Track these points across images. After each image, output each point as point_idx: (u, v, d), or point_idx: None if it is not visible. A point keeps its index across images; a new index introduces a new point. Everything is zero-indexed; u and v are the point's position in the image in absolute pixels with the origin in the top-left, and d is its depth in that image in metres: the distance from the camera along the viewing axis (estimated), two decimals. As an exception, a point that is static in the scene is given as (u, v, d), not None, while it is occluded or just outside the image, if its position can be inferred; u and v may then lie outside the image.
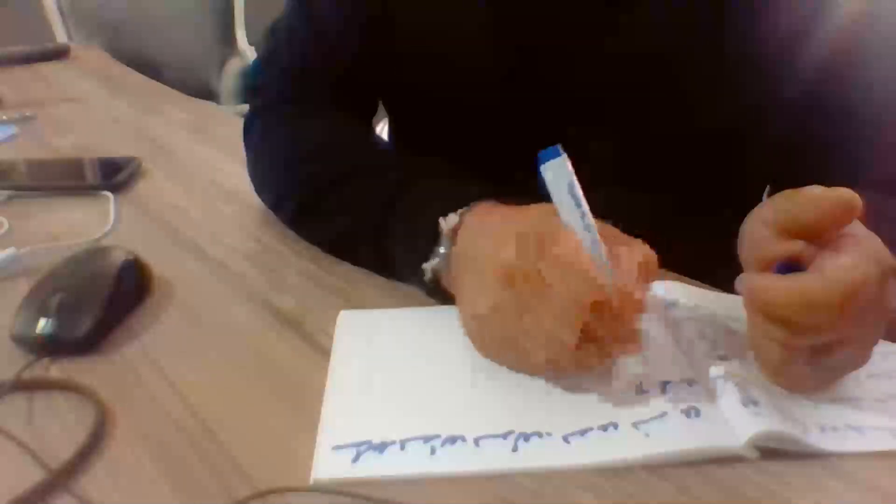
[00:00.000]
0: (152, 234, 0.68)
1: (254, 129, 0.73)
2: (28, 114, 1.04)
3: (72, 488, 0.39)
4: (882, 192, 0.52)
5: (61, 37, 1.91)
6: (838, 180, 0.42)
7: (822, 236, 0.42)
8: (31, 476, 0.39)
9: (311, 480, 0.39)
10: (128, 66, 1.38)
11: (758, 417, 0.41)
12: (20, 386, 0.46)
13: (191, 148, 0.92)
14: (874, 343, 0.43)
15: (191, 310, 0.55)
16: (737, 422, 0.41)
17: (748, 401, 0.42)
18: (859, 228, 0.43)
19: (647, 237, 0.46)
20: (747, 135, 0.64)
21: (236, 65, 1.89)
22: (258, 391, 0.46)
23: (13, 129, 0.98)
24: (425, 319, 0.53)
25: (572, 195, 0.43)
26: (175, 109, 1.08)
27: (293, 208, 0.65)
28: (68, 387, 0.46)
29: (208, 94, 1.85)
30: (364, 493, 0.38)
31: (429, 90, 0.71)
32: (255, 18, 1.84)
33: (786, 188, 0.44)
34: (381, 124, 0.98)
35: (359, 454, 0.40)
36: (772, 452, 0.40)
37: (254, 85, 0.76)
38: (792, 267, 0.42)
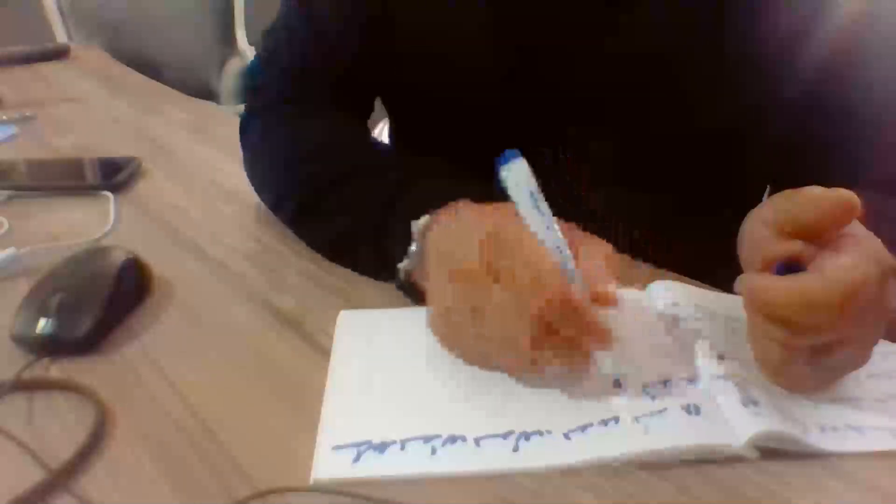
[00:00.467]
0: (152, 234, 0.68)
1: (252, 129, 0.73)
2: (28, 114, 1.04)
3: (72, 488, 0.39)
4: (882, 192, 0.52)
5: (61, 37, 1.91)
6: (838, 180, 0.42)
7: (821, 236, 0.42)
8: (31, 476, 0.39)
9: (311, 480, 0.39)
10: (128, 66, 1.38)
11: (758, 417, 0.41)
12: (20, 386, 0.46)
13: (191, 148, 0.92)
14: (874, 343, 0.43)
15: (191, 310, 0.55)
16: (737, 422, 0.41)
17: (748, 401, 0.42)
18: (859, 229, 0.43)
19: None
20: (747, 135, 0.64)
21: (236, 65, 1.89)
22: (258, 391, 0.46)
23: (13, 129, 0.98)
24: (425, 319, 0.52)
25: (532, 198, 0.43)
26: (175, 109, 1.08)
27: (293, 208, 0.65)
28: (68, 387, 0.46)
29: (208, 94, 1.85)
30: (364, 493, 0.38)
31: (429, 90, 0.71)
32: (255, 18, 1.85)
33: (786, 188, 0.44)
34: (382, 124, 0.98)
35: (359, 454, 0.40)
36: (772, 452, 0.40)
37: (253, 85, 0.75)
38: (792, 267, 0.42)
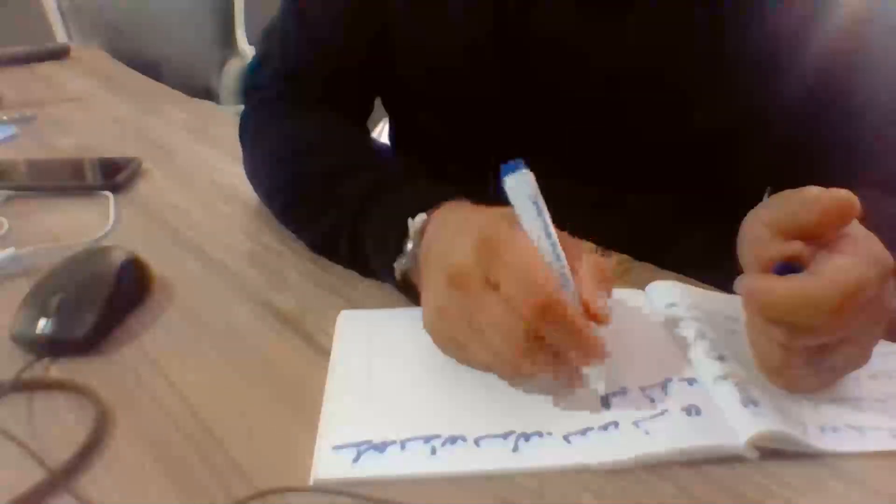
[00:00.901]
0: (152, 234, 0.68)
1: (248, 127, 0.74)
2: (28, 114, 1.04)
3: (72, 488, 0.39)
4: (881, 192, 0.52)
5: (61, 37, 1.91)
6: (838, 181, 0.42)
7: (821, 237, 0.42)
8: (31, 476, 0.39)
9: (312, 480, 0.39)
10: (128, 66, 1.37)
11: (758, 417, 0.41)
12: (20, 386, 0.46)
13: (191, 148, 0.92)
14: (874, 343, 0.43)
15: (191, 310, 0.55)
16: (737, 422, 0.41)
17: (748, 401, 0.42)
18: (858, 229, 0.43)
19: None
20: (747, 135, 0.64)
21: (236, 65, 1.89)
22: (258, 391, 0.46)
23: (13, 129, 0.98)
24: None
25: (535, 207, 0.43)
26: (175, 109, 1.08)
27: (280, 205, 0.67)
28: (68, 387, 0.46)
29: (208, 94, 1.85)
30: (364, 493, 0.38)
31: (428, 95, 0.71)
32: (255, 18, 1.84)
33: (786, 188, 0.44)
34: (382, 124, 0.98)
35: (359, 454, 0.40)
36: (772, 452, 0.40)
37: (251, 84, 0.76)
38: (791, 267, 0.42)
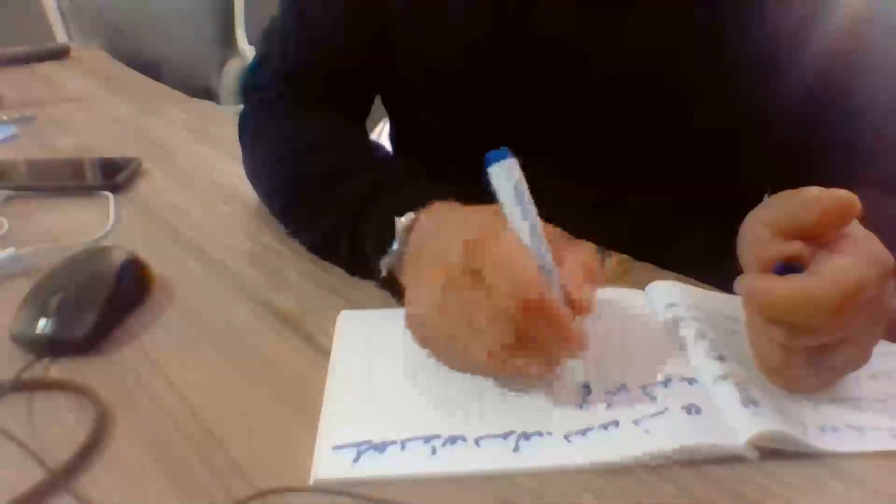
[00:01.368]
0: (152, 234, 0.68)
1: (247, 126, 0.74)
2: (28, 114, 1.04)
3: (72, 488, 0.39)
4: (881, 192, 0.52)
5: (61, 37, 1.91)
6: (838, 181, 0.42)
7: (821, 237, 0.42)
8: (31, 476, 0.39)
9: (312, 480, 0.39)
10: (128, 66, 1.37)
11: (758, 417, 0.41)
12: (20, 386, 0.46)
13: (190, 148, 0.92)
14: (874, 343, 0.43)
15: (191, 310, 0.55)
16: (737, 422, 0.41)
17: (748, 401, 0.42)
18: (858, 229, 0.43)
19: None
20: (747, 135, 0.64)
21: (236, 65, 1.89)
22: (258, 391, 0.46)
23: (13, 129, 0.98)
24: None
25: (519, 197, 0.43)
26: (175, 109, 1.08)
27: (280, 205, 0.66)
28: (68, 387, 0.46)
29: (208, 94, 1.85)
30: (364, 493, 0.38)
31: (428, 96, 0.71)
32: (255, 18, 1.84)
33: (786, 188, 0.44)
34: (382, 124, 0.97)
35: (359, 454, 0.40)
36: (772, 452, 0.40)
37: (251, 84, 0.76)
38: (791, 268, 0.42)
